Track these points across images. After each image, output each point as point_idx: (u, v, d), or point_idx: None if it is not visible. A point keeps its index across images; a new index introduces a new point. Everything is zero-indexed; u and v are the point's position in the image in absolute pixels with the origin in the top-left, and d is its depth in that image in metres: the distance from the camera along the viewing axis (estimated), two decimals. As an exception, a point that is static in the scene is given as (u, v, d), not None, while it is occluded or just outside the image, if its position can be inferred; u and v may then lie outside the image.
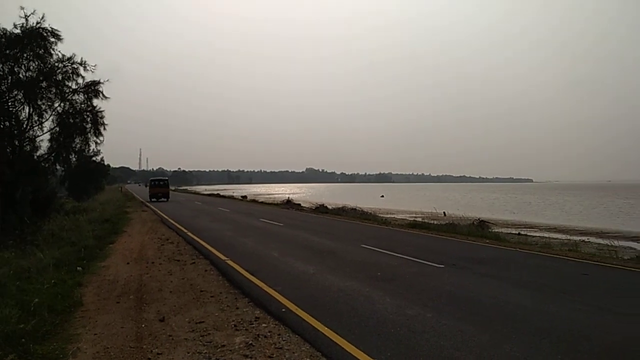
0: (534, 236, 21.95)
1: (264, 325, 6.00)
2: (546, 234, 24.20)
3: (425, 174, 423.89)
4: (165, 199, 44.14)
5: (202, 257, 11.42)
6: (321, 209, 30.77)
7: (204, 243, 13.57)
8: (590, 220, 36.64)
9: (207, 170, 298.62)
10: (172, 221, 21.26)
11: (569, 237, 22.60)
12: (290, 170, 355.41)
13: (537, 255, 12.03)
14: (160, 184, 46.25)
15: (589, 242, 19.56)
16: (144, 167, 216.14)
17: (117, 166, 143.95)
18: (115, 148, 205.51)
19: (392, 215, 32.02)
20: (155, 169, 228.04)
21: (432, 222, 21.84)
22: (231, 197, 57.45)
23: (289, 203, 37.42)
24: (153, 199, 43.45)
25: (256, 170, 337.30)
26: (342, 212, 29.04)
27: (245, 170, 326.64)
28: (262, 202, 45.08)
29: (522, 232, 23.78)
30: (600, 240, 19.83)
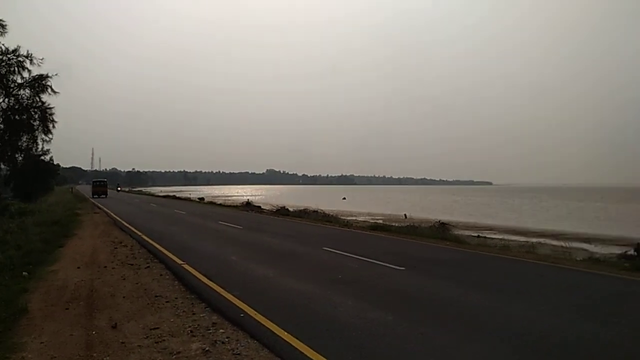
0: (493, 238, 22.47)
1: (221, 331, 5.79)
2: (505, 236, 24.79)
3: (387, 176, 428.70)
4: (105, 195, 56.33)
5: (157, 261, 11.04)
6: (282, 212, 30.52)
7: (159, 246, 13.14)
8: (546, 223, 37.91)
9: (163, 170, 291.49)
10: (126, 224, 20.57)
11: (526, 239, 23.18)
12: (250, 172, 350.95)
13: (496, 257, 12.27)
14: (101, 184, 60.04)
15: (545, 243, 20.09)
16: (96, 168, 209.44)
17: (68, 166, 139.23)
18: (66, 147, 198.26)
19: (354, 218, 32.10)
20: (108, 169, 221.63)
21: (393, 224, 21.98)
22: (188, 199, 56.32)
23: (248, 205, 37.00)
24: (95, 195, 55.31)
25: (214, 171, 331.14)
26: (304, 214, 28.88)
27: (203, 171, 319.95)
28: (220, 204, 44.35)
29: (482, 235, 24.28)
30: (556, 242, 20.44)
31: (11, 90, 20.94)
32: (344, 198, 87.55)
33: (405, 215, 34.41)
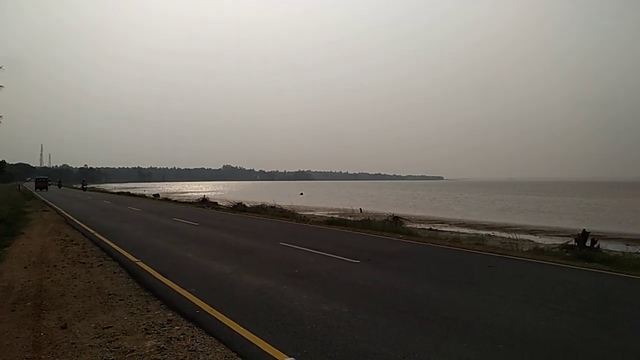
0: (444, 231, 23.16)
1: (176, 327, 5.76)
2: (456, 229, 25.59)
3: (343, 171, 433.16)
4: (46, 189, 67.40)
5: (111, 259, 10.79)
6: (239, 207, 30.28)
7: (112, 244, 12.83)
8: (493, 215, 39.30)
9: (117, 167, 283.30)
10: (77, 222, 19.91)
11: (476, 231, 24.03)
12: (206, 168, 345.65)
13: (447, 249, 12.68)
14: (42, 180, 71.63)
15: (494, 235, 20.87)
16: (45, 164, 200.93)
17: (15, 163, 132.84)
18: (13, 144, 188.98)
19: (311, 213, 32.24)
20: (59, 165, 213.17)
21: (349, 218, 22.26)
22: (142, 196, 54.87)
23: (204, 202, 36.53)
24: (37, 189, 65.59)
25: (169, 168, 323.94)
26: (261, 210, 28.82)
27: (158, 167, 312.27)
28: (175, 201, 43.46)
29: (434, 228, 24.95)
30: (504, 234, 21.28)
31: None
32: (301, 193, 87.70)
33: (360, 209, 34.85)
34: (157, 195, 56.23)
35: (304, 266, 9.65)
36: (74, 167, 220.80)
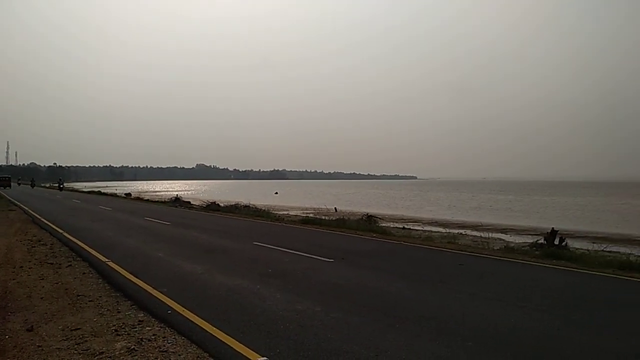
0: (417, 230, 23.40)
1: (147, 328, 5.68)
2: (429, 228, 25.91)
3: (318, 171, 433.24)
4: (9, 187, 70.37)
5: (80, 259, 10.55)
6: (212, 207, 30.04)
7: (82, 244, 12.55)
8: (465, 214, 39.95)
9: (88, 165, 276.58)
10: (45, 221, 19.41)
11: (449, 230, 24.33)
12: (179, 167, 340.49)
13: (419, 248, 12.84)
14: (5, 179, 74.18)
15: (466, 234, 21.23)
16: (12, 162, 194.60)
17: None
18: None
19: (286, 212, 32.19)
20: (26, 164, 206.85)
21: (323, 217, 22.30)
22: (114, 195, 53.91)
23: (177, 201, 36.09)
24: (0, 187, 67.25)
25: (142, 166, 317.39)
26: (235, 209, 28.63)
27: (130, 165, 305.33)
28: (147, 200, 42.81)
29: (407, 226, 25.19)
30: (476, 233, 21.59)
31: None
32: (276, 192, 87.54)
33: (335, 208, 34.99)
34: (129, 194, 55.31)
35: (278, 266, 9.63)
36: (42, 165, 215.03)
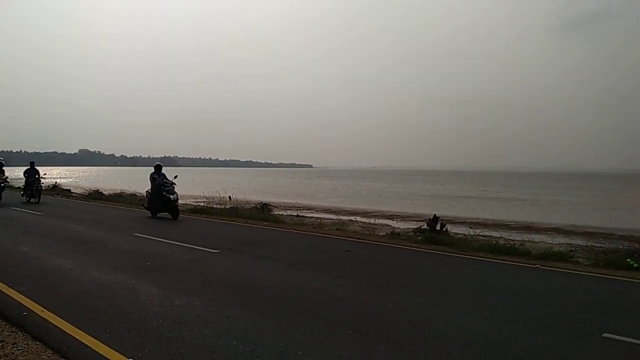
0: (310, 217, 23.60)
1: (-6, 335, 4.98)
2: (321, 215, 26.27)
3: (212, 158, 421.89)
4: None
5: None
6: (95, 195, 27.91)
7: None
8: (356, 201, 41.32)
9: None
10: None
11: (339, 217, 24.86)
12: (59, 152, 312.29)
13: (310, 235, 12.91)
14: None
15: (355, 221, 21.79)
16: None
17: None
18: None
19: (176, 201, 30.80)
20: None
21: (216, 206, 21.68)
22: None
23: (54, 189, 32.99)
24: None
25: (15, 151, 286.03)
26: (120, 198, 26.87)
27: (1, 150, 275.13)
28: (18, 188, 38.66)
29: (301, 214, 25.35)
30: (365, 219, 22.34)
31: None
32: (176, 176, 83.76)
33: (229, 197, 34.22)
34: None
35: (158, 258, 9.07)
36: None
